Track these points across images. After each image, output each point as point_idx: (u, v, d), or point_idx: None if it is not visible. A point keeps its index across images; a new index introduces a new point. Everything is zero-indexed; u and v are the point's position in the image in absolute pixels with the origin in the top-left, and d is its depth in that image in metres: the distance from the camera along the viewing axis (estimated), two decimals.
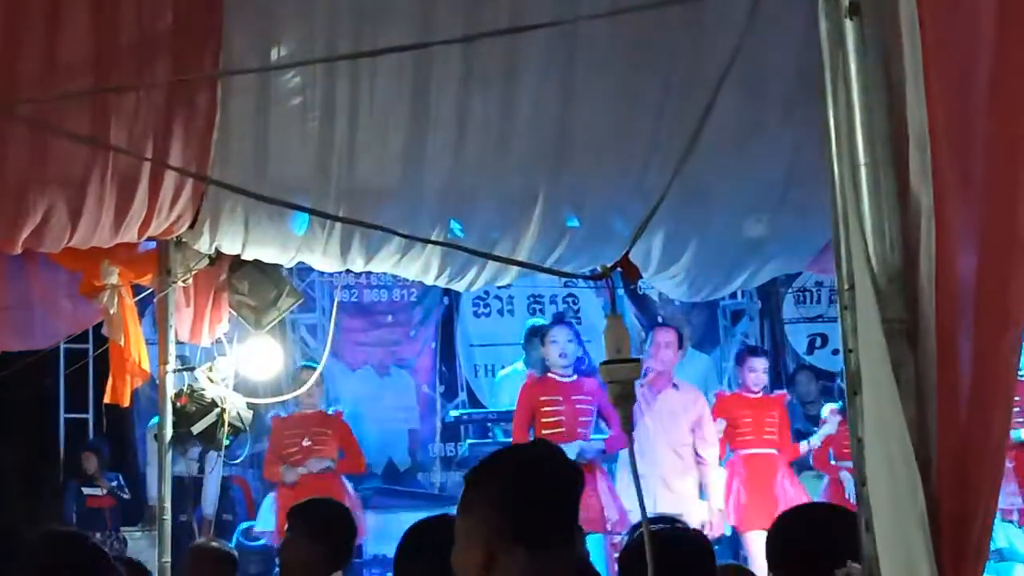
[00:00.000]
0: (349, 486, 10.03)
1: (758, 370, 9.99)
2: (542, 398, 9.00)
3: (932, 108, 2.65)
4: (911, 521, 2.55)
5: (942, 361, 2.63)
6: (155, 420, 9.37)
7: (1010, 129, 2.63)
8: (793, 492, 9.50)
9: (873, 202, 2.72)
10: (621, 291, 12.32)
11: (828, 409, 10.17)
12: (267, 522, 10.01)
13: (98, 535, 10.88)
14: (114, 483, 11.20)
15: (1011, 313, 2.66)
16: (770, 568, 3.87)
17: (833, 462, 10.21)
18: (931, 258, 2.64)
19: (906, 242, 2.70)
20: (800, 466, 10.43)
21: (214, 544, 7.10)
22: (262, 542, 10.35)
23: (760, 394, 9.99)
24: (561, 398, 9.00)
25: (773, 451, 9.79)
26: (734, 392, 10.18)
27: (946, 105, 2.64)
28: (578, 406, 9.02)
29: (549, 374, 9.07)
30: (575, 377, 9.09)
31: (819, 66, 2.81)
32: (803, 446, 10.24)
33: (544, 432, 8.71)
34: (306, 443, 9.84)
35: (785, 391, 10.93)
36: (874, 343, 2.65)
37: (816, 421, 10.79)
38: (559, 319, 10.32)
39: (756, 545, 8.88)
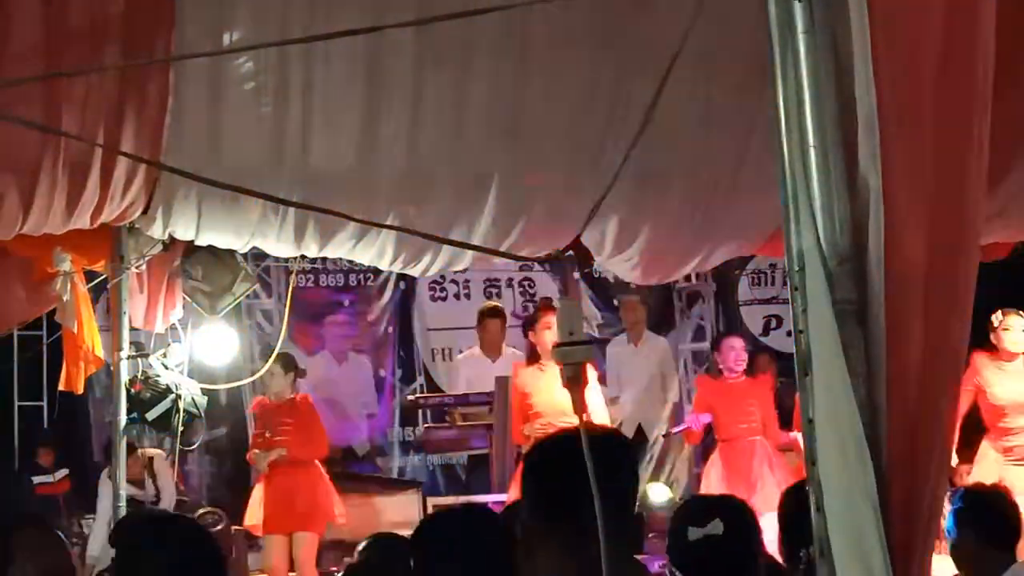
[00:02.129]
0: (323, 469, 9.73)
1: (737, 347, 9.87)
2: None
3: (881, 91, 2.66)
4: (862, 502, 2.56)
5: (892, 342, 2.65)
6: None
7: (958, 112, 2.65)
8: (775, 477, 9.33)
9: (823, 184, 2.73)
10: (576, 274, 12.35)
11: None
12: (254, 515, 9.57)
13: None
14: (62, 472, 11.13)
15: (960, 294, 2.68)
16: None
17: None
18: (880, 239, 2.65)
19: (855, 224, 2.71)
20: None
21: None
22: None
23: (742, 377, 9.87)
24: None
25: (756, 437, 9.64)
26: (716, 378, 10.07)
27: (894, 88, 2.65)
28: None
29: None
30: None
31: (768, 49, 2.82)
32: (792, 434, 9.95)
33: None
34: (269, 433, 9.54)
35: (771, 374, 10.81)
36: (824, 324, 2.66)
37: None
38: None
39: None
